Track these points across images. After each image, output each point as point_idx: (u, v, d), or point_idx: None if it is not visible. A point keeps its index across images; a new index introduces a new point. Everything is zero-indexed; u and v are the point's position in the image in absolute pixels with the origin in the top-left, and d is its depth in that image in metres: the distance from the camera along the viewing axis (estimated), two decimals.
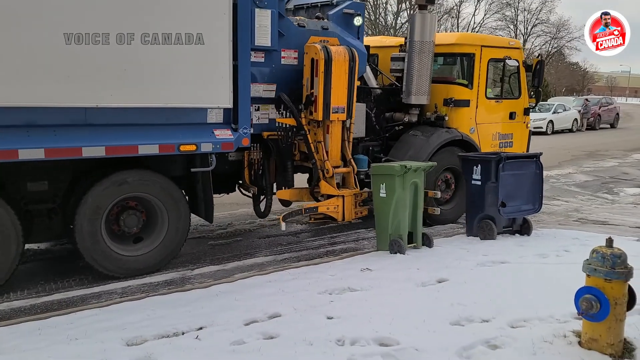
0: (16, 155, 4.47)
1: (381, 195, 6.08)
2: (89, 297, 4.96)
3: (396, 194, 5.96)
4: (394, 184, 5.96)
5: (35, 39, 4.43)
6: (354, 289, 4.90)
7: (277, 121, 6.25)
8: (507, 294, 4.72)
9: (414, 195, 6.15)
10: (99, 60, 4.70)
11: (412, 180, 6.07)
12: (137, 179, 5.30)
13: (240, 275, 5.44)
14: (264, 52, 5.91)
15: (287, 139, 6.29)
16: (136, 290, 5.15)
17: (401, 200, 6.00)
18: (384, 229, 6.13)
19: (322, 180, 6.43)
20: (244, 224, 7.63)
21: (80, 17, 4.58)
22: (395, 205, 5.98)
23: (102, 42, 4.68)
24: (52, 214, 5.24)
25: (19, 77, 4.42)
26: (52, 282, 5.30)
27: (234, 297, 4.69)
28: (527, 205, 6.91)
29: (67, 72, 4.59)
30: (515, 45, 8.42)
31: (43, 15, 4.43)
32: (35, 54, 4.45)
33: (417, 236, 6.23)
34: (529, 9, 44.49)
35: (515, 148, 8.35)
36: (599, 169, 13.92)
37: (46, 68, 4.51)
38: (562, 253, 6.02)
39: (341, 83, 6.18)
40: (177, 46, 5.02)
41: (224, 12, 5.18)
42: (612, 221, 8.19)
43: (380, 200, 6.12)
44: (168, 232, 5.54)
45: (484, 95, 7.90)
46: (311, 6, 7.11)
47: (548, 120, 24.12)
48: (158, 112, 5.13)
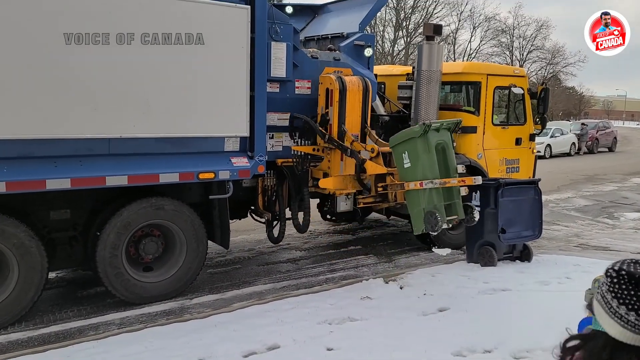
0: (44, 186, 4.59)
1: (405, 166, 5.54)
2: (86, 329, 4.90)
3: (421, 159, 5.40)
4: (416, 148, 5.41)
5: (67, 73, 4.57)
6: (354, 318, 4.85)
7: (293, 149, 6.34)
8: (509, 324, 4.67)
9: (443, 160, 5.54)
10: (125, 93, 4.85)
11: (437, 141, 5.47)
12: (172, 208, 5.43)
13: (238, 305, 5.39)
14: (279, 83, 6.09)
15: (302, 165, 6.36)
16: (134, 320, 5.10)
17: (429, 166, 5.39)
18: (415, 204, 5.52)
19: (368, 161, 6.18)
20: (243, 251, 7.59)
21: (111, 54, 4.72)
22: (423, 172, 5.38)
23: (129, 76, 4.84)
24: (74, 242, 5.31)
25: (49, 110, 4.54)
26: (49, 314, 5.24)
27: (233, 328, 4.63)
28: (527, 231, 6.89)
29: (95, 104, 4.72)
30: (519, 74, 8.60)
31: (75, 52, 4.56)
32: (66, 87, 4.59)
33: (456, 207, 5.60)
34: (524, 35, 45.17)
35: (522, 173, 8.44)
36: (598, 193, 13.91)
37: (76, 101, 4.64)
38: (563, 280, 5.98)
39: (355, 111, 6.28)
40: (198, 78, 5.20)
41: (242, 45, 5.37)
42: (614, 247, 8.16)
43: (406, 172, 5.58)
44: (186, 260, 5.61)
45: (491, 122, 8.04)
46: (322, 38, 7.33)
47: (546, 145, 24.19)
48: (178, 142, 5.29)
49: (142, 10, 4.83)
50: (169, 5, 4.95)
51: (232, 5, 5.28)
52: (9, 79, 4.35)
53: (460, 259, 7.16)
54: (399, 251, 7.84)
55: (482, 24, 41.95)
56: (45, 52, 4.46)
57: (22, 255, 4.72)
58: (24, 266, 4.74)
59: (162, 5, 4.93)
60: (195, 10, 5.07)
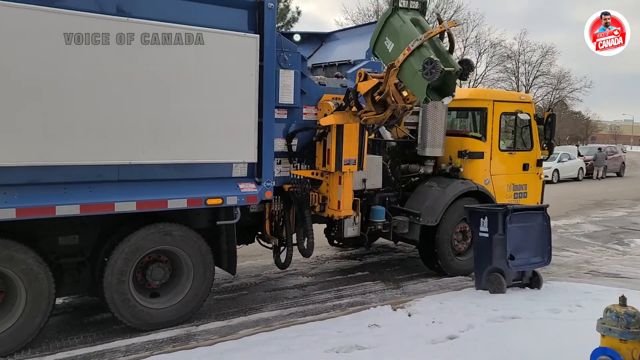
0: (53, 212, 4.61)
1: (390, 50, 5.54)
2: (92, 356, 4.87)
3: (399, 32, 5.41)
4: (392, 26, 5.46)
5: (79, 101, 4.64)
6: (362, 346, 4.79)
7: (292, 173, 6.36)
8: (520, 353, 4.59)
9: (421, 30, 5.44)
10: (135, 120, 4.91)
11: (411, 17, 5.50)
12: (179, 234, 5.43)
13: (245, 332, 5.35)
14: (287, 109, 6.15)
15: (302, 190, 6.38)
16: (140, 347, 5.06)
17: (409, 33, 5.35)
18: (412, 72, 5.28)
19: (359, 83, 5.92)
20: (250, 277, 7.56)
21: (123, 83, 4.81)
22: (405, 41, 5.33)
23: (139, 104, 4.91)
24: (81, 267, 5.32)
25: (61, 137, 4.60)
26: (55, 340, 5.21)
27: (239, 356, 4.59)
28: (536, 257, 6.82)
29: (105, 131, 4.78)
30: (526, 100, 8.68)
31: (87, 80, 4.65)
32: (77, 115, 4.65)
33: (450, 60, 5.29)
34: (529, 61, 45.37)
35: (530, 198, 8.42)
36: (607, 219, 13.80)
37: (87, 128, 4.71)
38: (574, 308, 5.89)
39: (352, 136, 6.32)
40: (207, 105, 5.27)
41: (251, 73, 5.45)
42: (625, 274, 8.05)
43: (392, 54, 5.50)
44: (192, 286, 5.59)
45: (498, 148, 8.08)
46: (329, 65, 7.44)
47: (554, 169, 24.16)
48: (186, 168, 5.32)
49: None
50: (180, 34, 5.03)
51: (241, 35, 5.37)
52: (20, 106, 4.41)
53: (469, 285, 7.08)
54: (407, 277, 7.78)
55: (488, 50, 42.20)
56: (57, 81, 4.53)
57: (30, 282, 4.72)
58: (32, 292, 4.74)
59: (173, 34, 4.99)
60: (206, 38, 5.15)
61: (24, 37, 4.35)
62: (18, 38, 4.33)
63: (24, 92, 4.41)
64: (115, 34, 4.71)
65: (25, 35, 4.35)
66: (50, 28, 4.44)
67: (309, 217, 6.49)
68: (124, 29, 4.75)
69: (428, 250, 7.69)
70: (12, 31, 4.30)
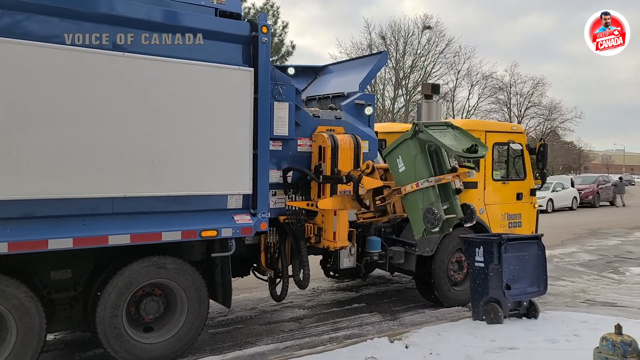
0: (46, 246, 4.57)
1: (400, 170, 5.67)
2: None
3: (414, 160, 5.53)
4: (409, 149, 5.57)
5: (74, 135, 4.65)
6: None
7: (287, 204, 6.36)
8: None
9: (437, 160, 5.66)
10: (130, 153, 4.92)
11: (429, 142, 5.58)
12: (174, 267, 5.39)
13: None
14: (282, 141, 6.20)
15: (298, 221, 6.37)
16: None
17: (423, 166, 5.49)
18: (414, 207, 5.54)
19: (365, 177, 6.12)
20: (245, 310, 7.47)
21: (117, 115, 4.84)
22: (418, 172, 5.48)
23: (135, 137, 4.93)
24: (73, 302, 5.24)
25: (56, 171, 4.59)
26: None
27: None
28: (532, 287, 6.80)
29: (100, 164, 4.78)
30: (517, 130, 8.79)
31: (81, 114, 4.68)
32: (74, 148, 4.66)
33: (455, 207, 5.59)
34: (521, 92, 46.12)
35: (524, 228, 8.44)
36: (602, 248, 13.80)
37: (82, 161, 4.70)
38: (572, 338, 5.84)
39: (347, 168, 6.36)
40: (202, 138, 5.29)
41: (246, 105, 5.51)
42: (621, 302, 8.02)
43: (401, 177, 5.70)
44: (187, 320, 5.52)
45: (491, 178, 8.14)
46: (323, 97, 7.53)
47: (548, 199, 24.26)
48: (181, 200, 5.30)
49: (150, 71, 4.98)
50: (175, 68, 5.10)
51: (236, 68, 5.46)
52: (14, 140, 4.41)
53: (466, 316, 7.03)
54: (404, 308, 7.72)
55: (480, 82, 42.87)
56: (52, 115, 4.55)
57: (21, 317, 4.65)
58: (22, 328, 4.65)
59: (169, 68, 5.08)
60: (201, 72, 5.23)
61: (18, 73, 4.39)
62: (12, 73, 4.36)
63: (18, 126, 4.42)
64: (110, 68, 4.77)
65: (19, 71, 4.39)
66: (45, 63, 4.49)
67: (305, 248, 6.47)
68: (120, 64, 4.81)
69: (424, 280, 7.65)
70: (5, 67, 4.33)
